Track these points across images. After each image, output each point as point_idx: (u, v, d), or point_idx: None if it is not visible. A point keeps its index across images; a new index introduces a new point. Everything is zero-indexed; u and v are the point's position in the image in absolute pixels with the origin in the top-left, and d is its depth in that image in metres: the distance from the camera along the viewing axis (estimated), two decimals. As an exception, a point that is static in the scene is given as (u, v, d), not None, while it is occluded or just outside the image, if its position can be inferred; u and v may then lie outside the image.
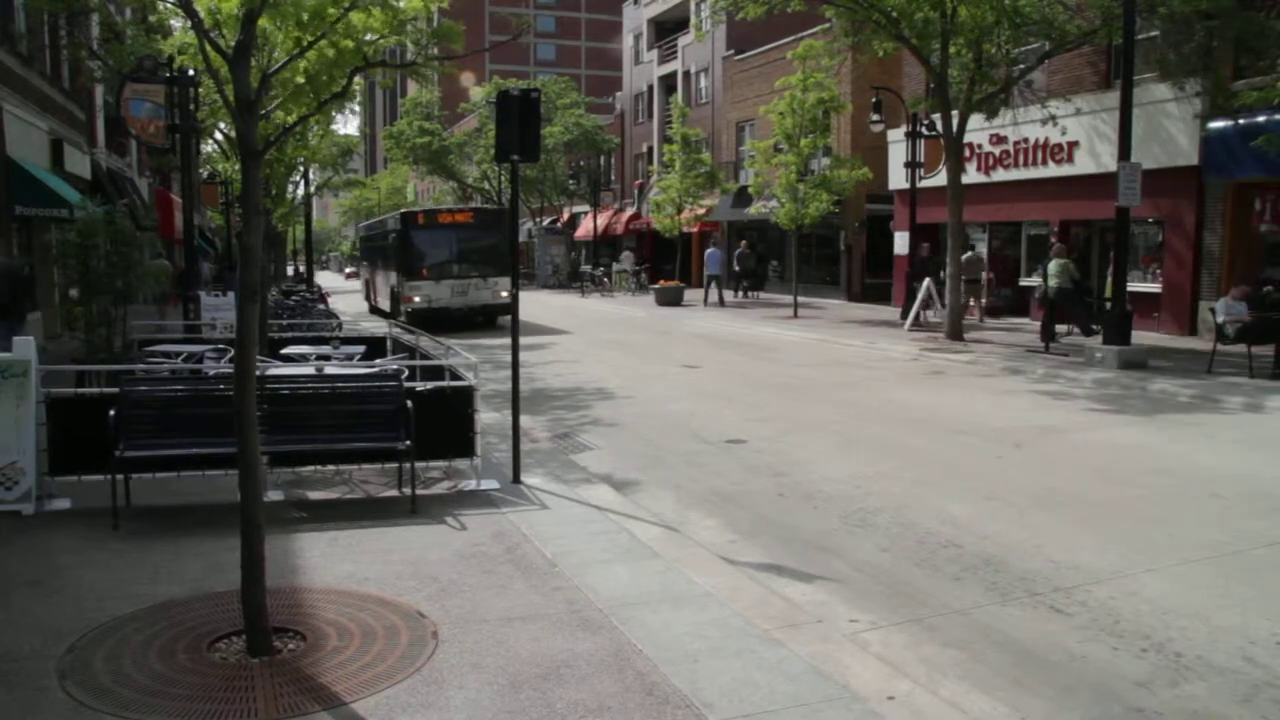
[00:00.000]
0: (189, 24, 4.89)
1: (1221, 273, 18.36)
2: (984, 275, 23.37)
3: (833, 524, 7.21)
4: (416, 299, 24.23)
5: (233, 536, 4.83)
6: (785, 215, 26.85)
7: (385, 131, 61.27)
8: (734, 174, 36.88)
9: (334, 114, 16.99)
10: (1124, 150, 15.02)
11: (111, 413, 6.78)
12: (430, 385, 8.13)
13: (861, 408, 12.13)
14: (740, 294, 33.50)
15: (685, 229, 36.17)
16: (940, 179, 21.74)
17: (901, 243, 26.26)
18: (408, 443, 7.16)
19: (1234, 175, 17.80)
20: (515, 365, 8.47)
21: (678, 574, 5.80)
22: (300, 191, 31.79)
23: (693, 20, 37.19)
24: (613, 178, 51.05)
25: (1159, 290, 19.72)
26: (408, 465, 7.39)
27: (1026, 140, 22.17)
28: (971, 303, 22.42)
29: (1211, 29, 16.67)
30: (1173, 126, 18.86)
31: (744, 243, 34.86)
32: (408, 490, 7.40)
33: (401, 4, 6.51)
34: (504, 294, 22.97)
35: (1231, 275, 17.73)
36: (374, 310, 30.76)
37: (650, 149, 46.15)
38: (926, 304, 22.09)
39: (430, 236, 25.19)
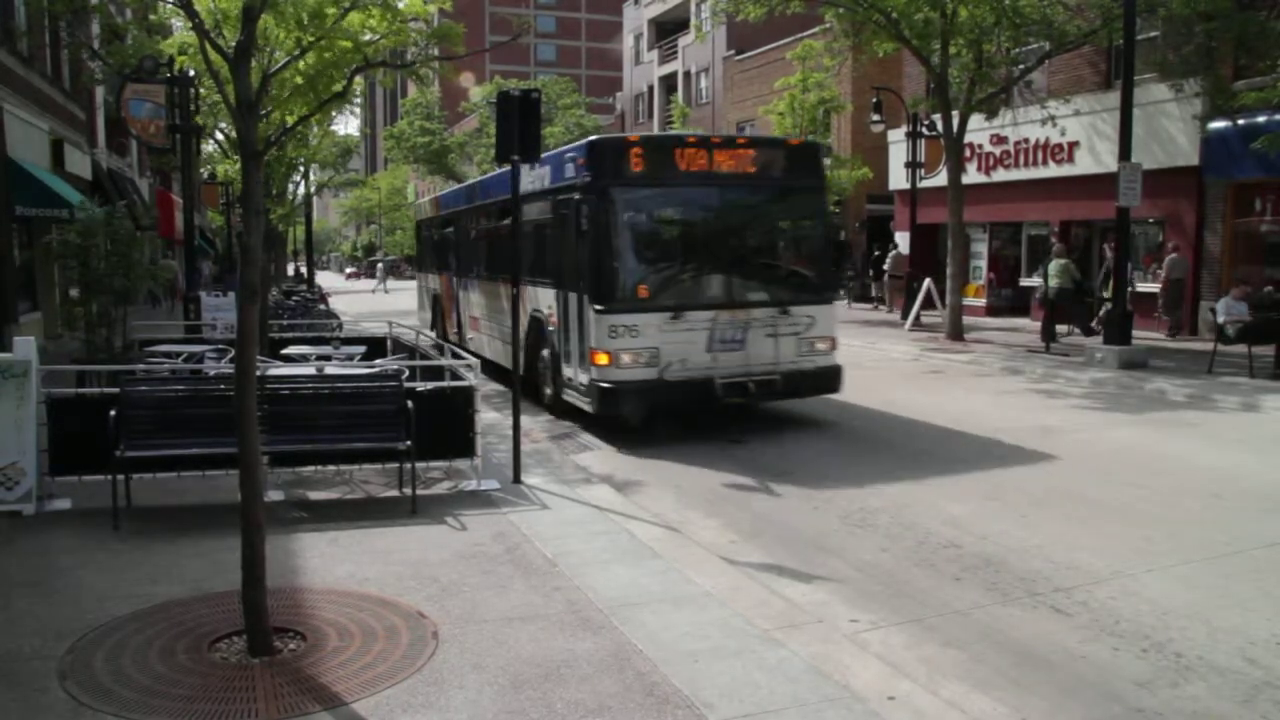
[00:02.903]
0: (190, 24, 4.90)
1: (1221, 273, 18.37)
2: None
3: (833, 524, 7.21)
4: (627, 356, 10.13)
5: (233, 536, 4.83)
6: (785, 215, 26.78)
7: (386, 131, 61.34)
8: (734, 174, 36.80)
9: (334, 114, 17.01)
10: (1124, 150, 15.02)
11: (112, 413, 6.78)
12: (431, 385, 8.13)
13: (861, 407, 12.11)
14: None
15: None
16: (940, 179, 21.74)
17: (902, 243, 26.27)
18: (408, 443, 7.17)
19: (1234, 175, 17.81)
20: (516, 356, 8.47)
21: (678, 574, 5.80)
22: (300, 191, 31.72)
23: (693, 21, 37.29)
24: (613, 178, 50.91)
25: (1159, 290, 19.73)
26: (408, 465, 7.39)
27: (1027, 140, 22.17)
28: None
29: (1211, 30, 16.68)
30: (1173, 127, 18.86)
31: None
32: (408, 490, 7.40)
33: (401, 4, 6.53)
34: (821, 345, 10.83)
35: (1231, 275, 17.75)
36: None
37: (650, 149, 46.07)
38: (914, 304, 22.07)
39: (663, 204, 10.76)
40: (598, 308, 10.01)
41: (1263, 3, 16.80)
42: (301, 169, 24.19)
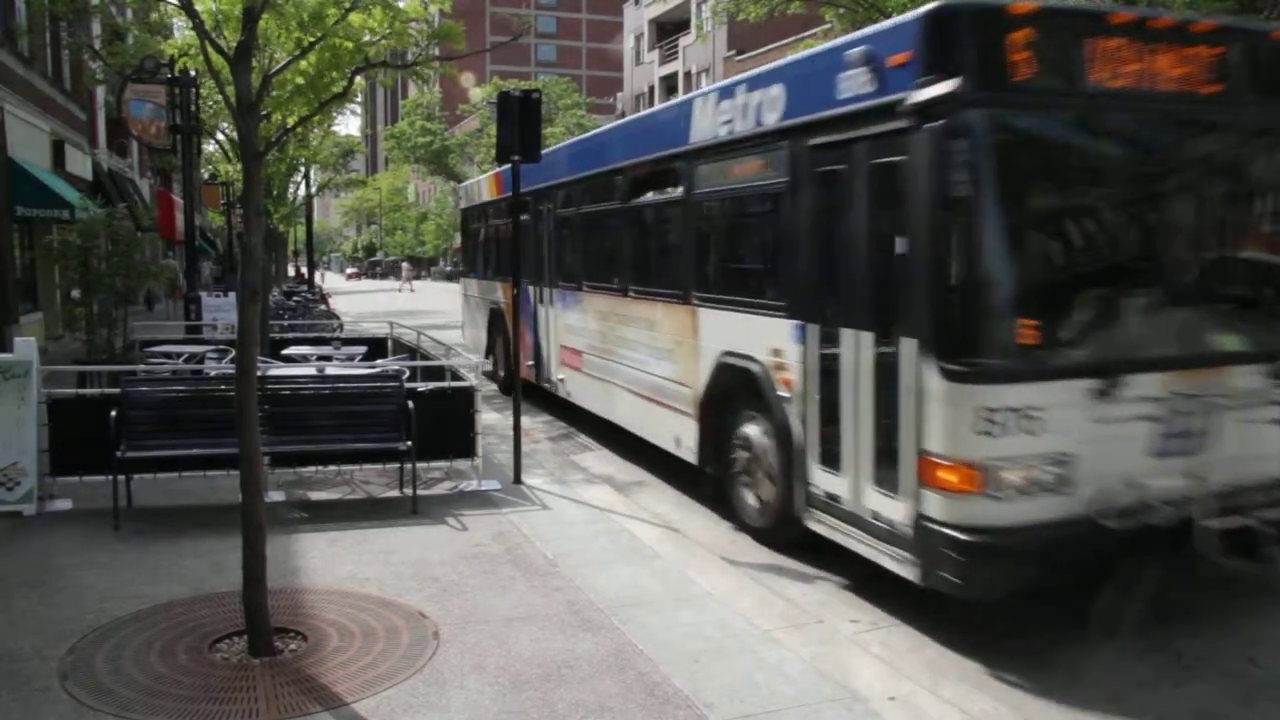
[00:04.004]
0: (190, 24, 4.90)
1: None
2: None
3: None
4: (1017, 474, 4.64)
5: (234, 537, 4.83)
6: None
7: (387, 132, 61.44)
8: (735, 174, 36.81)
9: (335, 114, 16.98)
10: (1125, 150, 15.02)
11: (113, 413, 6.78)
12: (431, 386, 8.13)
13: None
14: None
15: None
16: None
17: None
18: (409, 443, 7.17)
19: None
20: (517, 354, 8.47)
21: (679, 574, 5.80)
22: (301, 192, 31.65)
23: (694, 21, 37.34)
24: (613, 178, 50.97)
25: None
26: (409, 465, 7.39)
27: (1027, 140, 22.10)
28: None
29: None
30: (1174, 126, 18.80)
31: None
32: (409, 491, 7.40)
33: (401, 5, 6.53)
34: None
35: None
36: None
37: (651, 149, 46.11)
38: None
39: (1070, 148, 5.17)
40: (951, 367, 4.77)
41: (1263, 3, 16.82)
42: (302, 170, 24.14)
